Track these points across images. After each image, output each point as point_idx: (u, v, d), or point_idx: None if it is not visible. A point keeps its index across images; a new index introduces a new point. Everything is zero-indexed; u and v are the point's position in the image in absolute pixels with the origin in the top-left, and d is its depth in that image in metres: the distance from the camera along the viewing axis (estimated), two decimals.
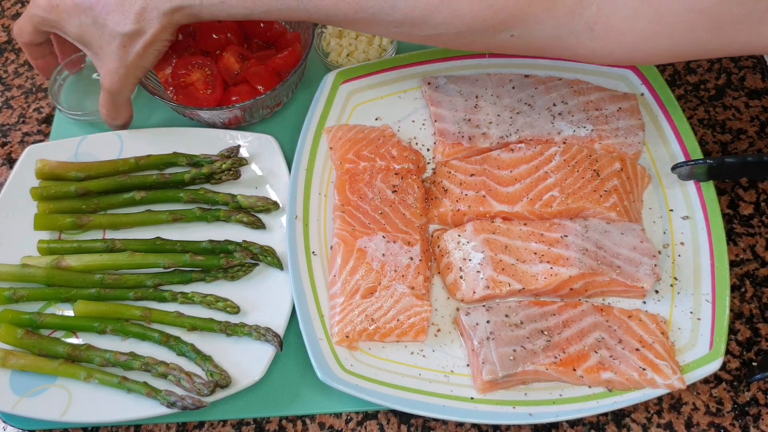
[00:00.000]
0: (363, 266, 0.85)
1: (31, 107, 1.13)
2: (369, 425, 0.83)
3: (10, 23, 1.23)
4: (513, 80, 0.99)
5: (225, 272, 0.89)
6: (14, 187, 0.96)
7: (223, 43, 1.01)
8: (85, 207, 0.94)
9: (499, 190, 0.90)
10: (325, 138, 0.96)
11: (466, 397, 0.79)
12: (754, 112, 1.04)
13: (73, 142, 0.99)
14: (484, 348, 0.78)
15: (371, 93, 1.01)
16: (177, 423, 0.84)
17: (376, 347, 0.83)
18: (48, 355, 0.84)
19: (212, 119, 1.00)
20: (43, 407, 0.81)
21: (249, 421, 0.84)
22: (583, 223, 0.87)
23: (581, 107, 0.96)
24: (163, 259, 0.89)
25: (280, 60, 1.00)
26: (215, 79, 0.99)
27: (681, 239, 0.89)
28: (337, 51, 1.07)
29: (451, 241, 0.87)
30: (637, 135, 0.93)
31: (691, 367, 0.79)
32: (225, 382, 0.81)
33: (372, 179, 0.91)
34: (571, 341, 0.79)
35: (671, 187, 0.92)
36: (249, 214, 0.92)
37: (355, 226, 0.88)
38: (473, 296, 0.83)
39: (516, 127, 0.95)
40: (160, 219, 0.93)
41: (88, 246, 0.91)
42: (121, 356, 0.82)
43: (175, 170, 0.97)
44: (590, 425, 0.81)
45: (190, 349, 0.83)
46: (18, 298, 0.87)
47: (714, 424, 0.81)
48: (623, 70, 1.01)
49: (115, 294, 0.88)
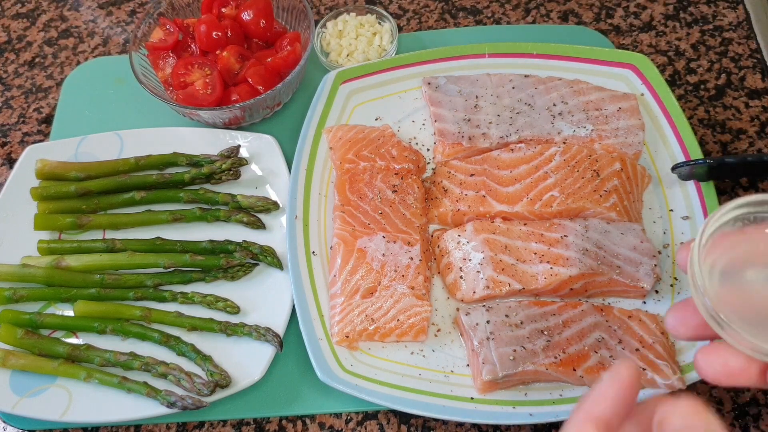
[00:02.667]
0: (363, 266, 0.84)
1: (31, 107, 1.13)
2: (369, 425, 0.83)
3: (10, 23, 1.23)
4: (513, 80, 0.99)
5: (225, 272, 0.89)
6: (14, 187, 0.96)
7: (223, 43, 1.01)
8: (85, 207, 0.94)
9: (499, 190, 0.90)
10: (325, 138, 0.96)
11: (466, 397, 0.79)
12: (754, 112, 1.04)
13: (73, 142, 0.99)
14: (484, 348, 0.78)
15: (371, 93, 1.01)
16: (177, 423, 0.84)
17: (376, 347, 0.83)
18: (48, 355, 0.84)
19: (212, 119, 1.00)
20: (43, 407, 0.81)
21: (249, 421, 0.84)
22: (583, 223, 0.87)
23: (581, 107, 0.96)
24: (163, 259, 0.89)
25: (280, 60, 1.00)
26: (215, 79, 0.98)
27: (681, 239, 0.89)
28: (337, 51, 1.07)
29: (451, 241, 0.87)
30: (637, 135, 0.93)
31: (691, 367, 0.79)
32: (225, 382, 0.81)
33: (372, 179, 0.91)
34: (571, 341, 0.79)
35: (671, 187, 0.92)
36: (249, 214, 0.92)
37: (355, 226, 0.88)
38: (473, 296, 0.83)
39: (516, 127, 0.95)
40: (160, 219, 0.93)
41: (88, 246, 0.91)
42: (121, 356, 0.82)
43: (175, 170, 0.97)
44: None
45: (190, 349, 0.83)
46: (18, 298, 0.87)
47: None
48: (623, 69, 1.01)
49: (115, 294, 0.88)
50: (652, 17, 1.16)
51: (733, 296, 0.45)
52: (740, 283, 0.46)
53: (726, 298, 0.45)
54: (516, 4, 1.18)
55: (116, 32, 1.20)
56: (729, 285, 0.46)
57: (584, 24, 1.15)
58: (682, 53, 1.11)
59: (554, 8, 1.18)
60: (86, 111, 1.08)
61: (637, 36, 1.13)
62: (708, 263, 0.46)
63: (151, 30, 1.04)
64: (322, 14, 1.19)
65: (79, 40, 1.20)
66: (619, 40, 1.13)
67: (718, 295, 0.45)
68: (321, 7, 1.20)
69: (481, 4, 1.19)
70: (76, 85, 1.11)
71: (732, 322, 0.44)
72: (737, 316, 0.45)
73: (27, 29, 1.22)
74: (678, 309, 0.49)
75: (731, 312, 0.44)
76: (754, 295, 0.45)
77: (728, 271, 0.47)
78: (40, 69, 1.17)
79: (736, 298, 0.45)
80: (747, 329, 0.43)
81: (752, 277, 0.46)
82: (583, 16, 1.17)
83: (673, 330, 0.50)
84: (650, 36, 1.13)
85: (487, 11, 1.18)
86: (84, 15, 1.23)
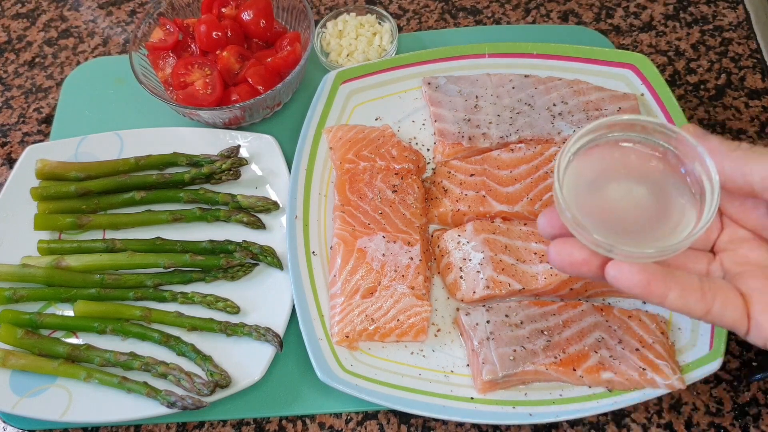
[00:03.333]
0: (363, 266, 0.84)
1: (31, 107, 1.13)
2: (369, 425, 0.83)
3: (10, 23, 1.23)
4: (513, 80, 0.99)
5: (225, 272, 0.89)
6: (14, 187, 0.96)
7: (223, 43, 1.01)
8: (85, 207, 0.94)
9: (499, 190, 0.90)
10: (325, 138, 0.96)
11: (466, 397, 0.79)
12: (754, 112, 1.04)
13: (73, 142, 0.99)
14: (484, 348, 0.78)
15: (371, 93, 1.01)
16: (177, 423, 0.84)
17: (376, 347, 0.83)
18: (48, 355, 0.84)
19: (212, 119, 1.00)
20: (43, 407, 0.81)
21: (249, 421, 0.84)
22: None
23: (581, 107, 0.96)
24: (163, 259, 0.89)
25: (280, 60, 1.00)
26: (215, 79, 0.98)
27: None
28: (337, 51, 1.07)
29: (451, 241, 0.87)
30: None
31: (691, 367, 0.79)
32: (225, 382, 0.81)
33: (372, 179, 0.91)
34: (571, 341, 0.79)
35: None
36: (249, 214, 0.92)
37: (355, 226, 0.88)
38: (473, 296, 0.83)
39: (516, 127, 0.95)
40: (160, 219, 0.93)
41: (88, 246, 0.91)
42: (121, 356, 0.82)
43: (175, 170, 0.97)
44: (590, 425, 0.81)
45: (190, 349, 0.83)
46: (18, 298, 0.87)
47: (714, 424, 0.81)
48: (623, 70, 1.00)
49: (115, 294, 0.88)
50: (652, 17, 1.16)
51: (587, 202, 0.57)
52: (594, 191, 0.58)
53: (581, 203, 0.57)
54: (516, 4, 1.18)
55: (116, 32, 1.20)
56: (585, 193, 0.58)
57: (584, 24, 1.15)
58: (682, 53, 1.11)
59: (554, 8, 1.18)
60: (86, 111, 1.08)
61: (637, 36, 1.13)
62: (571, 177, 0.58)
63: (151, 30, 1.04)
64: (322, 14, 1.19)
65: (79, 40, 1.20)
66: (619, 40, 1.13)
67: (575, 201, 0.56)
68: (321, 7, 1.20)
69: (481, 4, 1.19)
70: (76, 85, 1.11)
71: (581, 222, 0.54)
72: (588, 218, 0.55)
73: (27, 29, 1.22)
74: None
75: (583, 214, 0.55)
76: (604, 202, 0.57)
77: (583, 182, 0.58)
78: (40, 69, 1.17)
79: (590, 203, 0.57)
80: (594, 229, 0.54)
81: (601, 186, 0.58)
82: (583, 16, 1.17)
83: (542, 230, 0.60)
84: (650, 36, 1.13)
85: (487, 11, 1.18)
86: (84, 15, 1.23)
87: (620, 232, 0.56)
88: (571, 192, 0.57)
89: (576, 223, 0.55)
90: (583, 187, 0.58)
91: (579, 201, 0.57)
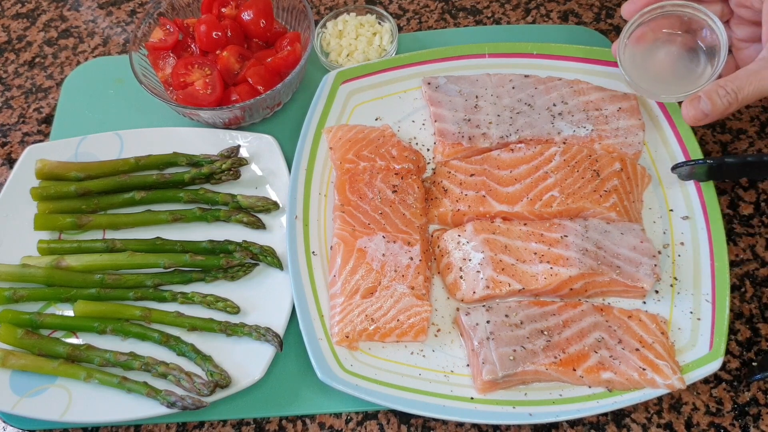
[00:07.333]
0: (363, 266, 0.85)
1: (31, 107, 1.13)
2: (369, 425, 0.83)
3: (10, 23, 1.23)
4: (513, 80, 0.99)
5: (225, 272, 0.89)
6: (14, 187, 0.96)
7: (223, 43, 1.01)
8: (85, 207, 0.94)
9: (499, 190, 0.90)
10: (325, 138, 0.96)
11: (466, 397, 0.79)
12: (754, 112, 1.04)
13: (73, 142, 0.99)
14: (484, 348, 0.78)
15: (371, 93, 1.01)
16: (177, 423, 0.84)
17: (376, 347, 0.83)
18: (48, 355, 0.84)
19: (212, 119, 1.00)
20: (43, 407, 0.81)
21: (249, 421, 0.84)
22: (583, 223, 0.87)
23: (581, 107, 0.96)
24: (163, 259, 0.89)
25: (280, 60, 1.00)
26: (215, 79, 0.99)
27: (681, 239, 0.89)
28: (337, 51, 1.07)
29: (451, 241, 0.87)
30: (637, 135, 0.93)
31: (691, 367, 0.79)
32: (225, 382, 0.81)
33: (372, 179, 0.91)
34: (571, 341, 0.79)
35: (671, 187, 0.92)
36: (249, 214, 0.92)
37: (355, 226, 0.88)
38: (473, 296, 0.83)
39: (516, 127, 0.95)
40: (160, 219, 0.93)
41: (88, 246, 0.91)
42: (121, 356, 0.82)
43: (175, 170, 0.97)
44: (590, 425, 0.81)
45: (190, 349, 0.83)
46: (18, 298, 0.87)
47: (714, 424, 0.81)
48: None
49: (115, 294, 0.88)
50: None
51: (642, 64, 0.90)
52: (645, 57, 0.91)
53: (637, 63, 0.90)
54: (516, 4, 1.18)
55: (116, 32, 1.20)
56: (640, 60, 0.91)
57: (584, 24, 1.15)
58: None
59: (554, 8, 1.18)
60: (86, 111, 1.08)
61: None
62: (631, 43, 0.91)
63: (151, 30, 1.04)
64: (322, 14, 1.19)
65: (79, 40, 1.20)
66: None
67: (632, 65, 0.90)
68: (321, 7, 1.20)
69: (481, 4, 1.19)
70: (76, 85, 1.11)
71: (639, 83, 0.90)
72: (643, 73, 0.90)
73: (27, 29, 1.22)
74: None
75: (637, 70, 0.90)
76: (655, 61, 0.91)
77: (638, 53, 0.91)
78: (40, 69, 1.17)
79: (642, 65, 0.90)
80: (646, 82, 0.89)
81: (654, 48, 0.91)
82: (583, 16, 1.17)
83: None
84: None
85: (487, 11, 1.18)
86: (84, 15, 1.23)
87: (661, 82, 0.89)
88: (628, 60, 0.90)
89: (634, 84, 0.89)
90: (638, 56, 0.91)
91: (635, 63, 0.90)
